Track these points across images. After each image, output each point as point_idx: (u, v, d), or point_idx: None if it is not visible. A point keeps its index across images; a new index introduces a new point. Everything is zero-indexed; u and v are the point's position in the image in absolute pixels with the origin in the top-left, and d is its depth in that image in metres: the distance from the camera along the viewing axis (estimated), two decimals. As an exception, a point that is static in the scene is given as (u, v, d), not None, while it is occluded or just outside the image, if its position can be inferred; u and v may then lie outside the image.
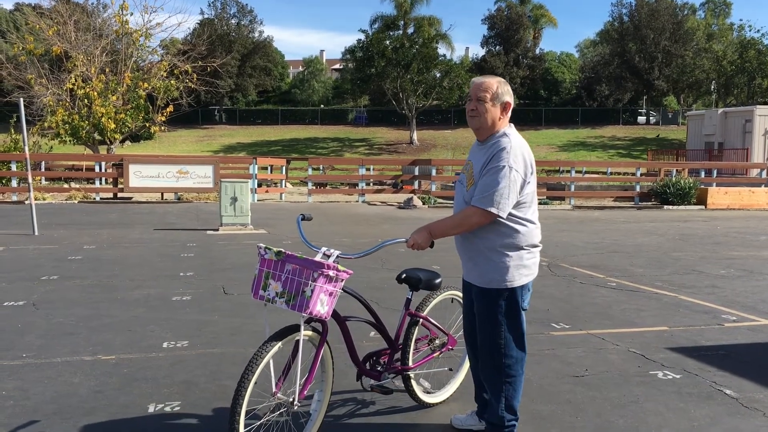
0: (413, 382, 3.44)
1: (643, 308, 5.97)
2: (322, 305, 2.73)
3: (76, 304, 5.83)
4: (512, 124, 2.97)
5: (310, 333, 2.91)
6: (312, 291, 2.67)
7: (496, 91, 2.86)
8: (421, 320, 3.39)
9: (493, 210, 2.77)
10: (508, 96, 2.89)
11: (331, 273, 2.71)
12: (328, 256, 2.82)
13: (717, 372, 4.17)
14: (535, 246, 2.97)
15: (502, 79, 2.92)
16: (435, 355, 3.54)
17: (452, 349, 3.63)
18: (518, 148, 2.82)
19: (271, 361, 2.78)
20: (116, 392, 3.74)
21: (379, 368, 3.29)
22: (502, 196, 2.75)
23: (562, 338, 4.95)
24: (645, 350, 4.63)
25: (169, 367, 4.17)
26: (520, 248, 2.91)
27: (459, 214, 2.85)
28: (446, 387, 3.69)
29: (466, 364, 3.74)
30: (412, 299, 3.35)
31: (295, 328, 2.83)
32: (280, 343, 2.77)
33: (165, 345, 4.65)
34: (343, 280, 2.79)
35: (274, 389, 2.80)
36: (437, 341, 3.54)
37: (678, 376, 4.08)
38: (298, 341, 2.83)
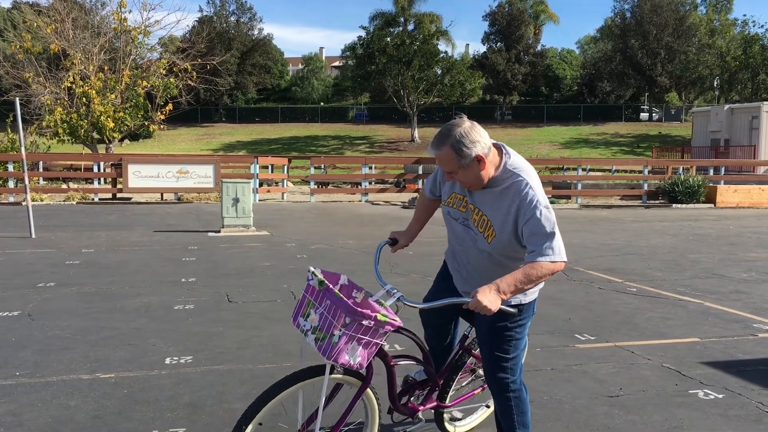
0: (446, 421, 3.16)
1: (669, 317, 5.68)
2: (352, 356, 2.29)
3: (73, 315, 5.55)
4: (504, 147, 2.56)
5: (344, 377, 2.49)
6: (340, 338, 2.24)
7: (458, 159, 2.41)
8: (471, 357, 3.11)
9: (563, 258, 2.43)
10: (474, 148, 2.40)
11: (365, 323, 2.24)
12: (391, 295, 2.44)
13: (762, 391, 3.88)
14: None
15: (459, 132, 2.40)
16: (476, 392, 3.26)
17: None
18: (534, 182, 2.49)
19: (300, 399, 2.42)
20: (116, 417, 3.46)
21: (413, 401, 2.99)
22: (559, 240, 2.43)
23: (589, 352, 4.66)
24: (680, 365, 4.35)
25: (173, 387, 3.88)
26: None
27: (531, 271, 2.37)
28: (473, 415, 3.39)
29: None
30: (469, 335, 3.05)
31: (320, 371, 2.41)
32: (293, 388, 2.37)
33: (168, 361, 4.36)
34: (387, 333, 2.34)
35: (298, 426, 2.47)
36: (480, 371, 3.26)
37: (720, 396, 3.79)
38: (336, 385, 2.48)
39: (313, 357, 2.66)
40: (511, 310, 2.38)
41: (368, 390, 2.55)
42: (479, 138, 2.42)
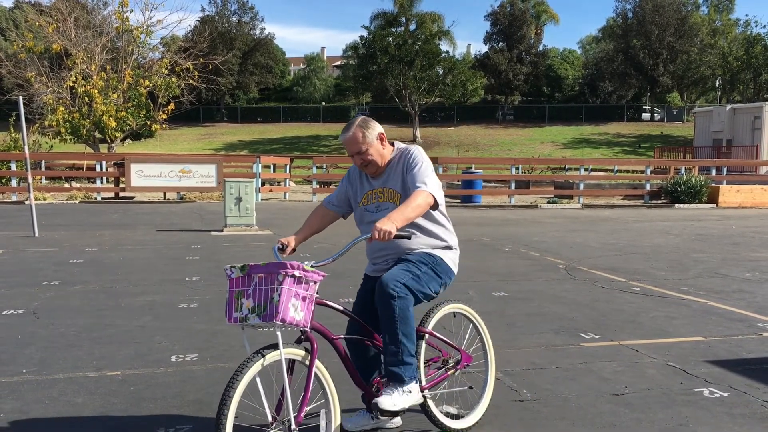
0: (432, 406, 3.09)
1: (673, 316, 5.69)
2: (296, 311, 2.51)
3: (78, 313, 5.56)
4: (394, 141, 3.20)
5: (296, 351, 2.65)
6: (280, 294, 2.45)
7: (365, 138, 3.00)
8: (426, 335, 3.11)
9: (434, 193, 2.89)
10: (376, 128, 3.04)
11: (296, 273, 2.50)
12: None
13: (767, 389, 3.88)
14: (456, 248, 3.19)
15: (361, 119, 3.06)
16: (450, 372, 3.25)
17: (468, 365, 3.35)
18: (419, 150, 3.07)
19: (260, 386, 2.52)
20: (123, 414, 3.47)
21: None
22: (435, 183, 2.94)
23: (593, 350, 4.67)
24: (684, 364, 4.35)
25: (179, 385, 3.89)
26: (449, 246, 3.13)
27: (410, 200, 2.85)
28: (472, 410, 3.36)
29: (491, 383, 3.43)
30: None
31: (274, 347, 2.58)
32: (254, 366, 2.51)
33: (173, 359, 4.38)
34: (315, 282, 2.61)
35: (269, 419, 2.57)
36: (451, 362, 3.26)
37: (726, 395, 3.80)
38: (289, 361, 2.61)
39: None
40: (405, 234, 2.75)
41: (317, 362, 2.69)
42: (376, 123, 3.08)
